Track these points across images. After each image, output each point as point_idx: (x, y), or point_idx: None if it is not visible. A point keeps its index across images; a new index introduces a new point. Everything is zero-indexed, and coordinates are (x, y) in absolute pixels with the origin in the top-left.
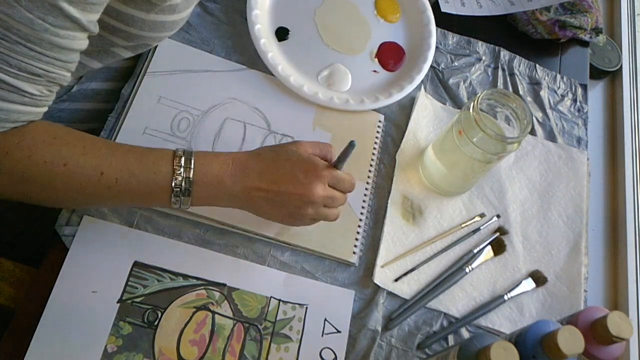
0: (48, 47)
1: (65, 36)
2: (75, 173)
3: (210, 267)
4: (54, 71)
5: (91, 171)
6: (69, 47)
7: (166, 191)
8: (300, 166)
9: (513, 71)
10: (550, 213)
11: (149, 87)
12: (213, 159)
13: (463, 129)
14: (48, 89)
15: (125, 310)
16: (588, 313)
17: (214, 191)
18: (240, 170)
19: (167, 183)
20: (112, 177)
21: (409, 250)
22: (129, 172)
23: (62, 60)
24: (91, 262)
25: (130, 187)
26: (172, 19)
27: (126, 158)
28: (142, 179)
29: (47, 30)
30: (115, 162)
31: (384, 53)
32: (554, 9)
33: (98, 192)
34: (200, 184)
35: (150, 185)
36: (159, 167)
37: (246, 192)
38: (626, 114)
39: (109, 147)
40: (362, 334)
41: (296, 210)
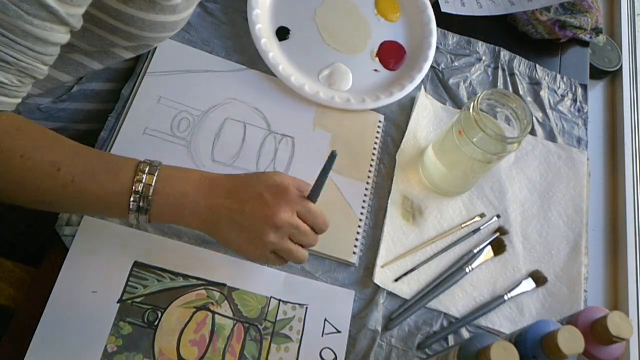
0: (21, 35)
1: (40, 26)
2: (31, 166)
3: (210, 267)
4: (26, 61)
5: (47, 166)
6: (45, 39)
7: (124, 200)
8: (270, 188)
9: (513, 71)
10: (550, 213)
11: (149, 87)
12: (180, 172)
13: (463, 129)
14: (19, 79)
15: (125, 310)
16: (588, 313)
17: (175, 205)
18: (207, 186)
19: (125, 190)
20: (68, 176)
21: (409, 250)
22: (87, 172)
23: (36, 51)
24: (91, 262)
25: (86, 189)
26: (173, 19)
27: (88, 159)
28: (100, 182)
29: (21, 17)
30: (75, 161)
31: (385, 52)
32: (554, 9)
33: (52, 190)
34: (162, 193)
35: (109, 190)
36: (122, 172)
37: (209, 208)
38: (626, 114)
39: (73, 146)
40: (362, 334)
41: (257, 235)
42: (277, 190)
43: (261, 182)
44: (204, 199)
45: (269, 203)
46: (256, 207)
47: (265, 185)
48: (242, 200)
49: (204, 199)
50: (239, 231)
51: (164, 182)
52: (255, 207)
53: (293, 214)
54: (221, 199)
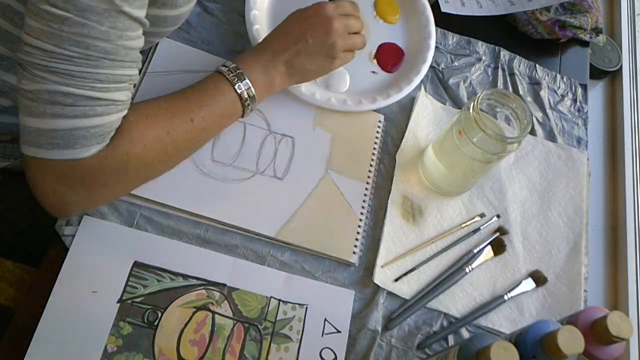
0: (124, 53)
1: (134, 37)
2: (177, 134)
3: (210, 267)
4: (133, 73)
5: (185, 125)
6: (137, 47)
7: (238, 105)
8: (309, 15)
9: (513, 71)
10: (550, 213)
11: (149, 87)
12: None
13: (463, 129)
14: (131, 90)
15: (125, 310)
16: (588, 313)
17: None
18: (270, 52)
19: (239, 106)
20: (199, 118)
21: (409, 250)
22: (206, 107)
23: (136, 60)
24: (91, 262)
25: (214, 118)
26: (174, 14)
27: (196, 100)
28: (218, 107)
29: (122, 37)
30: (192, 108)
31: (383, 54)
32: (554, 9)
33: (198, 136)
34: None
35: (227, 106)
36: (224, 92)
37: (288, 65)
38: (626, 114)
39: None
40: (362, 334)
41: (328, 48)
42: (313, 12)
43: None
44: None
45: (317, 23)
46: (313, 33)
47: (301, 16)
48: (301, 38)
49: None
50: (315, 56)
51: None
52: (312, 33)
53: (339, 15)
54: (287, 52)
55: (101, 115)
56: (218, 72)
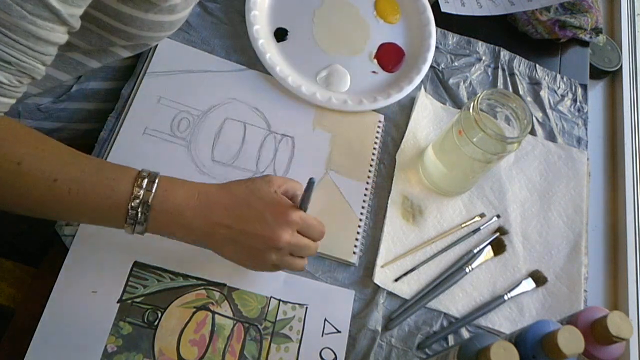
0: (23, 35)
1: (42, 26)
2: (26, 175)
3: (210, 267)
4: (27, 61)
5: (44, 175)
6: (46, 39)
7: (121, 212)
8: (271, 208)
9: (513, 71)
10: (550, 213)
11: (149, 87)
12: (178, 188)
13: (463, 129)
14: (18, 79)
15: (125, 310)
16: (588, 313)
17: (172, 221)
18: (205, 204)
19: (123, 203)
20: (64, 187)
21: (409, 250)
22: (84, 185)
23: (36, 50)
24: (91, 262)
25: (83, 201)
26: (171, 19)
27: (85, 169)
28: (97, 194)
29: (24, 18)
30: (72, 171)
31: (384, 54)
32: (554, 9)
33: (47, 201)
34: (159, 210)
35: (105, 203)
36: (119, 184)
37: (208, 227)
38: (626, 114)
39: (71, 154)
40: (362, 334)
41: (259, 254)
42: (277, 209)
43: (259, 199)
44: (203, 217)
45: (269, 224)
46: (257, 228)
47: (264, 203)
48: (243, 220)
49: (202, 217)
50: (239, 249)
51: (161, 199)
52: (256, 228)
53: (294, 232)
54: (220, 217)
55: None
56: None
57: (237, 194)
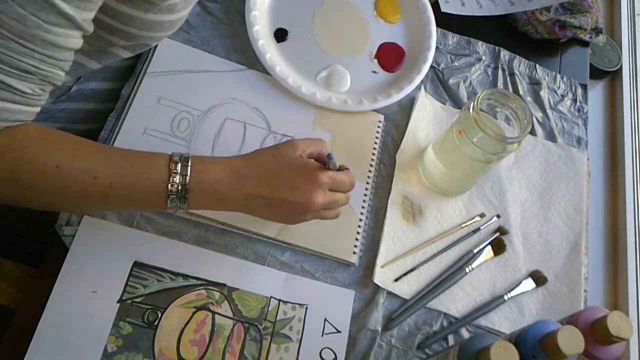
0: (40, 44)
1: (58, 33)
2: (67, 176)
3: (210, 267)
4: (47, 69)
5: (84, 175)
6: (63, 45)
7: (162, 196)
8: (299, 173)
9: (513, 71)
10: (550, 213)
11: (149, 87)
12: (210, 166)
13: (463, 129)
14: (41, 87)
15: (125, 310)
16: (588, 313)
17: (210, 198)
18: (236, 178)
19: (162, 189)
20: (106, 182)
21: (409, 250)
22: (123, 177)
23: (55, 58)
24: (91, 262)
25: (124, 192)
26: (171, 19)
27: (120, 163)
28: (136, 184)
29: (40, 27)
30: (109, 166)
31: (384, 54)
32: (554, 9)
33: (91, 197)
34: (196, 190)
35: (146, 190)
36: (154, 172)
37: (244, 199)
38: (626, 114)
39: (103, 151)
40: (362, 334)
41: (296, 216)
42: (307, 174)
43: (287, 165)
44: (237, 191)
45: (302, 190)
46: (290, 195)
47: (293, 169)
48: (275, 189)
49: (236, 191)
50: (277, 214)
51: (196, 181)
52: (288, 195)
53: (326, 192)
54: (253, 189)
55: None
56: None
57: (265, 163)
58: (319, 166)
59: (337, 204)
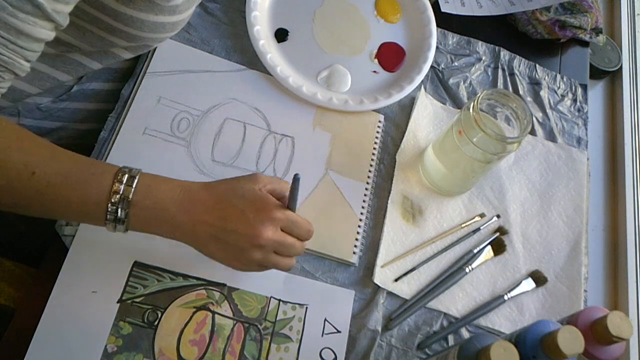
0: (3, 28)
1: (24, 20)
2: (3, 167)
3: (210, 267)
4: (7, 55)
5: (22, 167)
6: (28, 33)
7: (101, 208)
8: (252, 204)
9: (513, 71)
10: (550, 213)
11: (149, 87)
12: (160, 183)
13: (463, 129)
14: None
15: (125, 310)
16: (588, 313)
17: (155, 217)
18: (188, 200)
19: (103, 199)
20: (43, 180)
21: (409, 250)
22: (63, 178)
23: (18, 45)
24: (91, 262)
25: (61, 195)
26: (173, 20)
27: (65, 164)
28: (76, 189)
29: (5, 9)
30: (51, 165)
31: (384, 53)
32: (554, 9)
33: (25, 193)
34: (141, 206)
35: (84, 198)
36: (99, 180)
37: (190, 224)
38: (626, 114)
39: (51, 149)
40: (362, 334)
41: (242, 253)
42: (259, 206)
43: (241, 196)
44: (185, 214)
45: (251, 222)
46: (239, 225)
47: (246, 201)
48: (225, 218)
49: (184, 214)
50: (222, 247)
51: (142, 194)
52: (238, 225)
53: (277, 229)
54: (203, 215)
55: None
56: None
57: (219, 192)
58: (276, 202)
59: (290, 248)
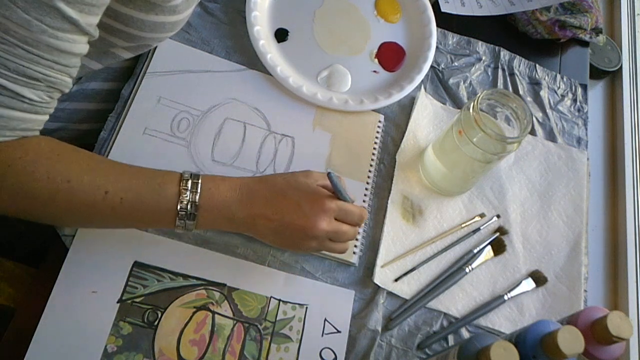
0: (46, 50)
1: (63, 39)
2: (78, 191)
3: (210, 267)
4: (54, 75)
5: (95, 190)
6: (68, 51)
7: (171, 214)
8: (307, 197)
9: (513, 71)
10: (550, 213)
11: (149, 87)
12: (220, 184)
13: (463, 129)
14: (48, 94)
15: (125, 310)
16: (588, 313)
17: (219, 216)
18: (247, 196)
19: (172, 206)
20: (116, 198)
21: (409, 250)
22: (134, 193)
23: (61, 64)
24: (91, 262)
25: (135, 208)
26: (173, 20)
27: (132, 179)
28: (147, 200)
29: (45, 32)
30: (120, 182)
31: (384, 53)
32: (554, 9)
33: (101, 212)
34: (206, 208)
35: (156, 207)
36: (165, 189)
37: (251, 219)
38: (626, 114)
39: (115, 167)
40: (362, 334)
41: (299, 242)
42: (314, 198)
43: (297, 189)
44: (245, 209)
45: (307, 214)
46: (294, 218)
47: (301, 193)
48: (281, 211)
49: (244, 209)
50: (281, 238)
51: (206, 197)
52: (293, 217)
53: (331, 220)
54: (261, 208)
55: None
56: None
57: (275, 186)
58: (329, 194)
59: (344, 235)
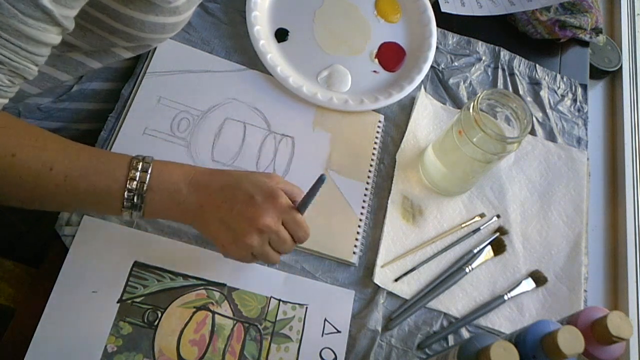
0: (14, 35)
1: (34, 26)
2: (22, 166)
3: (210, 267)
4: (18, 61)
5: (40, 165)
6: (38, 39)
7: (118, 197)
8: (262, 192)
9: (513, 71)
10: (550, 213)
11: (149, 87)
12: (174, 168)
13: (463, 129)
14: (9, 79)
15: (125, 310)
16: (588, 313)
17: (169, 200)
18: (201, 182)
19: (120, 187)
20: (61, 175)
21: (409, 250)
22: (80, 171)
23: (28, 50)
24: (91, 262)
25: (80, 187)
26: (173, 21)
27: (80, 157)
28: (93, 180)
29: (16, 17)
30: (67, 159)
31: (384, 53)
32: (554, 9)
33: (45, 189)
34: (156, 189)
35: (102, 188)
36: (114, 170)
37: (200, 205)
38: (626, 114)
39: (64, 144)
40: (362, 334)
41: (241, 236)
42: (269, 194)
43: (254, 184)
44: (196, 195)
45: (257, 205)
46: (244, 208)
47: (257, 187)
48: (232, 200)
49: (196, 195)
50: (225, 230)
51: (157, 179)
52: (243, 208)
53: (278, 220)
54: (212, 195)
55: None
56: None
57: (231, 177)
58: (286, 198)
59: (283, 243)
